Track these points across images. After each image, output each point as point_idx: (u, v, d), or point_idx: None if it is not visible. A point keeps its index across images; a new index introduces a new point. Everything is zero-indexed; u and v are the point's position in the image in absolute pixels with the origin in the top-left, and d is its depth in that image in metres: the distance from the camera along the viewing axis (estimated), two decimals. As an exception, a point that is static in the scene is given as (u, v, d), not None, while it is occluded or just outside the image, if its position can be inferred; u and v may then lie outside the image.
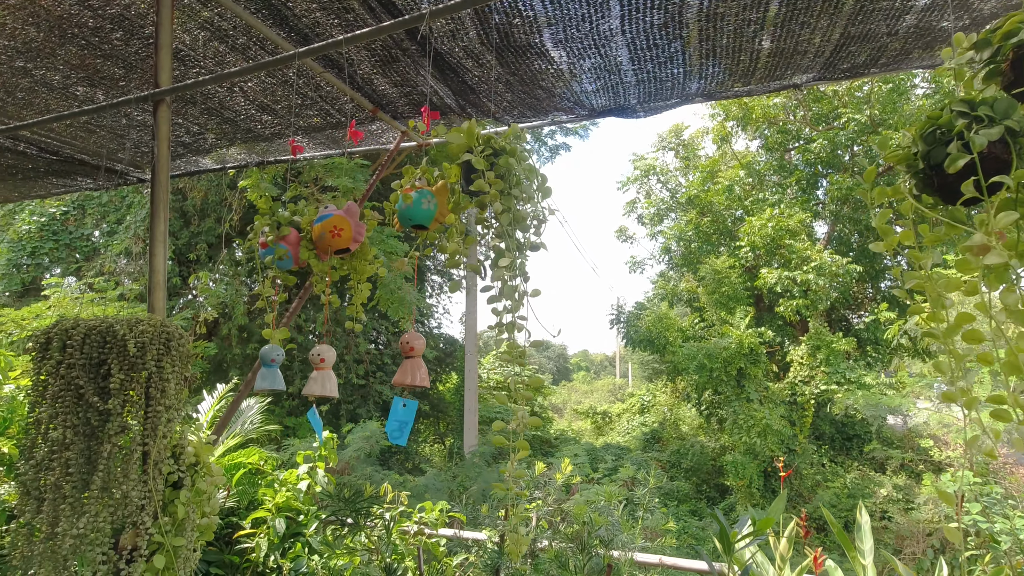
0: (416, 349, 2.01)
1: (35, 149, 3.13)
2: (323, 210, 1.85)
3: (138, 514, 1.44)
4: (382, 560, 3.03)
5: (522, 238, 1.36)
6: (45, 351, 1.50)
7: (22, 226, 11.13)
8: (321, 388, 1.99)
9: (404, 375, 2.01)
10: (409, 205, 1.64)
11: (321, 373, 2.02)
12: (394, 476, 11.20)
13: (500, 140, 1.39)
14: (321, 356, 2.05)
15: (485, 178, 1.35)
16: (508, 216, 1.34)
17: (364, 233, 1.87)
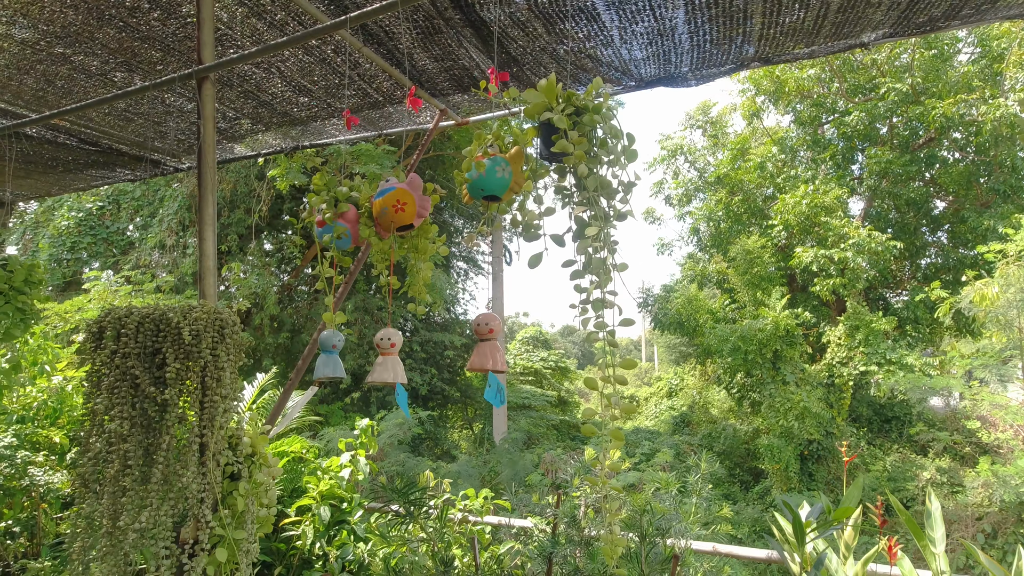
0: (495, 331, 1.86)
1: (75, 140, 3.12)
2: (383, 184, 1.74)
3: (199, 507, 1.40)
4: (430, 548, 2.99)
5: (607, 206, 1.25)
6: (99, 340, 1.46)
7: (61, 221, 11.40)
8: (392, 374, 1.89)
9: (483, 359, 1.86)
10: (482, 174, 1.50)
11: (389, 359, 1.92)
12: (427, 462, 11.28)
13: (582, 97, 1.27)
14: (391, 340, 1.94)
15: (568, 139, 1.22)
16: (594, 180, 1.22)
17: (428, 207, 1.76)
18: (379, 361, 1.95)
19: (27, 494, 4.11)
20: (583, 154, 1.21)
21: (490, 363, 1.86)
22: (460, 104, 2.78)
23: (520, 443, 15.39)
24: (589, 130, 1.25)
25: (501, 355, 1.89)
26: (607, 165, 1.25)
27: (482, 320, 1.92)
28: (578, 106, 1.27)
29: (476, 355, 1.89)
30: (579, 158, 1.20)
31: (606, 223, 1.22)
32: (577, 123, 1.24)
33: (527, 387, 22.28)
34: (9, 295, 1.97)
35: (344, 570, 3.47)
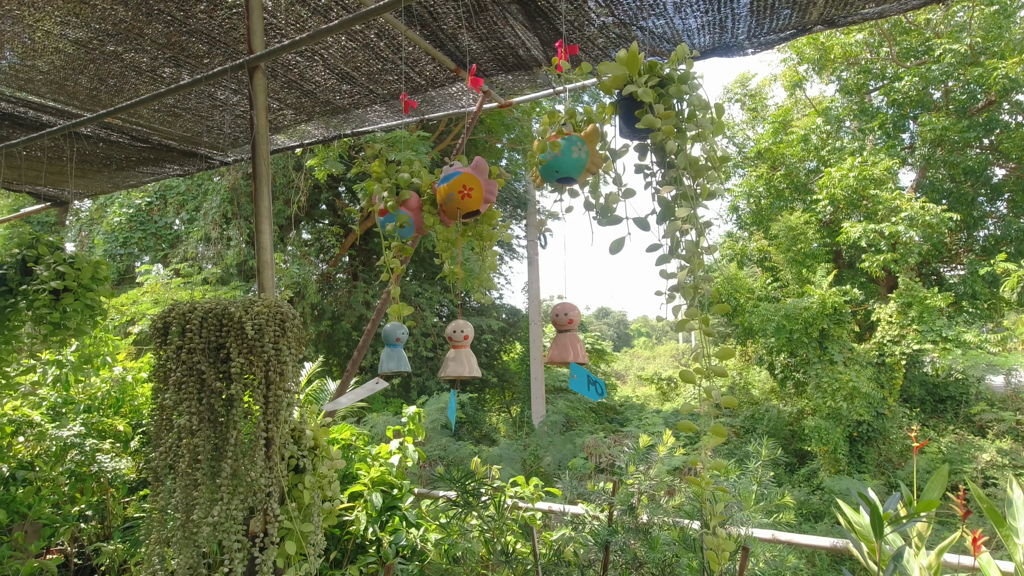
0: (575, 321, 1.75)
1: (127, 138, 3.18)
2: (447, 169, 1.68)
3: (267, 500, 1.40)
4: (481, 535, 2.99)
5: (695, 184, 1.16)
6: (164, 336, 1.47)
7: (113, 218, 11.83)
8: (467, 368, 1.81)
9: (563, 351, 1.74)
10: (556, 155, 1.41)
11: (462, 352, 1.83)
12: (468, 446, 11.40)
13: (665, 67, 1.18)
14: (464, 332, 1.85)
15: (654, 112, 1.14)
16: (684, 158, 1.13)
17: (495, 192, 1.69)
18: (451, 355, 1.86)
19: (96, 480, 4.30)
20: (672, 128, 1.12)
21: (571, 355, 1.75)
22: (504, 85, 2.70)
23: (560, 426, 15.41)
24: (674, 102, 1.15)
25: (581, 346, 1.78)
26: (692, 140, 1.15)
27: (560, 310, 1.80)
28: (662, 77, 1.17)
29: (555, 347, 1.78)
30: (667, 133, 1.11)
31: (695, 203, 1.13)
32: (662, 95, 1.14)
33: (564, 370, 22.27)
34: (78, 292, 2.02)
35: (397, 555, 3.52)
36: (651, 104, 1.12)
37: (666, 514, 3.02)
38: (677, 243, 1.17)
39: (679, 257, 1.18)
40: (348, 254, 15.11)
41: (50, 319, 1.95)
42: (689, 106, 1.14)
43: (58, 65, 2.49)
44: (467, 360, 1.84)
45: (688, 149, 1.13)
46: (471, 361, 1.86)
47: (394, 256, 1.66)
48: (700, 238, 1.15)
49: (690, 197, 1.12)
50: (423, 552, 3.58)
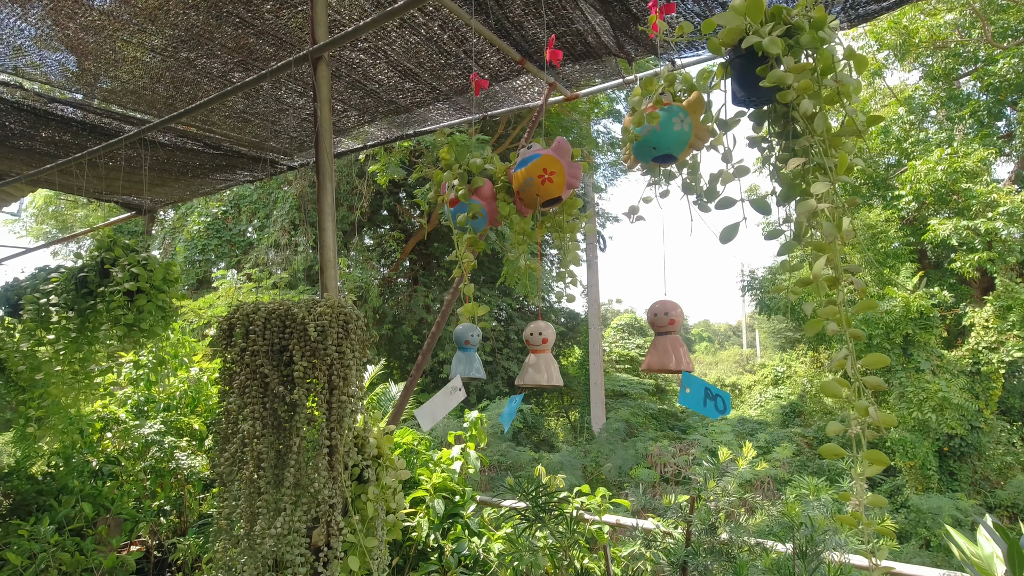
0: (676, 321, 1.53)
1: (201, 145, 3.27)
2: (526, 151, 1.55)
3: (330, 512, 1.33)
4: (547, 548, 2.86)
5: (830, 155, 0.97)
6: (229, 338, 1.43)
7: (193, 226, 12.52)
8: (546, 376, 1.62)
9: (664, 357, 1.51)
10: (655, 128, 1.23)
11: (542, 357, 1.65)
12: (528, 452, 11.28)
13: (793, 12, 0.99)
14: (543, 335, 1.66)
15: (782, 67, 0.96)
16: (823, 121, 0.95)
17: (580, 177, 1.55)
18: (531, 361, 1.68)
19: (174, 476, 4.47)
20: (810, 84, 0.93)
21: (672, 361, 1.51)
22: (570, 76, 2.57)
23: (621, 433, 15.04)
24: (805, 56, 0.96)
25: (685, 351, 1.55)
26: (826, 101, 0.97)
27: (659, 308, 1.55)
28: (790, 24, 0.98)
29: (654, 352, 1.55)
30: (804, 90, 0.92)
31: (833, 177, 0.95)
32: (791, 47, 0.96)
33: (623, 375, 21.80)
34: (151, 293, 2.05)
35: (459, 564, 3.44)
36: (780, 56, 0.94)
37: (747, 533, 2.79)
38: (803, 228, 1.00)
39: (811, 244, 1.00)
40: (409, 258, 15.37)
41: (125, 320, 1.99)
42: (820, 61, 0.95)
43: (137, 75, 2.56)
44: (547, 367, 1.66)
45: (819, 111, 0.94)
46: (552, 368, 1.67)
47: (466, 249, 1.51)
48: (840, 220, 0.97)
49: (827, 170, 0.94)
50: (485, 563, 3.49)
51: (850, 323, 0.99)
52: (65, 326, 2.08)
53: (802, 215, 0.97)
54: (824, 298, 1.04)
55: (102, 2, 2.11)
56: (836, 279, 1.01)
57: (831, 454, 1.03)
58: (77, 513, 3.41)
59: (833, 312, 1.01)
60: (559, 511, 2.16)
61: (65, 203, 16.51)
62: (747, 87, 1.02)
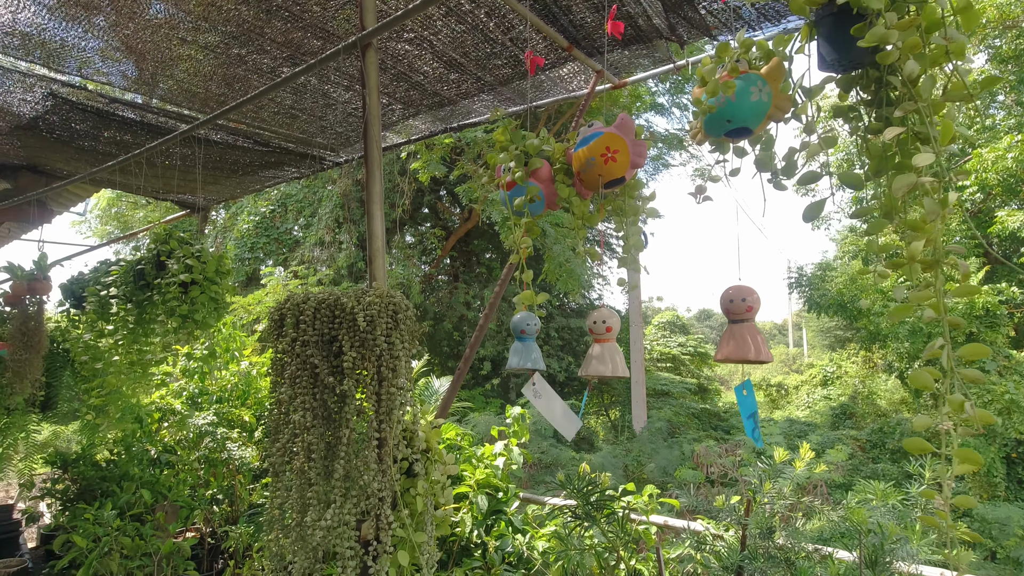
0: (754, 308, 1.39)
1: (251, 143, 3.34)
2: (587, 129, 1.48)
3: (379, 505, 1.31)
4: (593, 548, 2.79)
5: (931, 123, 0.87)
6: (280, 328, 1.43)
7: (243, 225, 12.94)
8: (611, 367, 1.52)
9: (741, 346, 1.38)
10: (729, 98, 1.12)
11: (607, 347, 1.55)
12: (569, 451, 11.19)
13: None
14: (607, 324, 1.54)
15: (886, 23, 0.84)
16: (929, 85, 0.85)
17: (644, 155, 1.47)
18: (595, 351, 1.57)
19: (226, 465, 4.61)
20: (918, 42, 0.82)
21: (751, 350, 1.36)
22: (618, 62, 2.49)
23: (663, 432, 14.77)
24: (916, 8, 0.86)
25: (764, 340, 1.40)
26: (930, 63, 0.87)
27: (735, 294, 1.41)
28: None
29: (729, 341, 1.40)
30: (911, 49, 0.82)
31: (938, 148, 0.85)
32: (894, 1, 0.86)
33: (665, 374, 21.44)
34: (203, 285, 2.10)
35: (503, 561, 3.41)
36: (882, 12, 0.84)
37: (805, 539, 2.65)
38: (895, 205, 0.91)
39: (906, 224, 0.91)
40: (449, 256, 15.48)
41: (179, 311, 2.04)
42: (925, 16, 0.85)
43: (191, 74, 2.62)
44: (612, 357, 1.54)
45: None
46: (617, 358, 1.56)
47: (523, 234, 1.44)
48: (946, 195, 0.88)
49: (932, 139, 0.84)
50: (529, 560, 3.45)
51: (948, 310, 0.89)
52: (124, 317, 2.14)
53: (899, 190, 0.87)
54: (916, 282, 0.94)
55: (159, 3, 2.16)
56: (935, 261, 0.91)
57: (917, 449, 0.94)
58: (137, 499, 3.55)
59: (928, 297, 0.91)
60: (609, 510, 2.09)
61: (126, 205, 17.32)
62: (838, 49, 0.92)
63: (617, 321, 1.58)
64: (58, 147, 3.57)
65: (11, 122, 3.22)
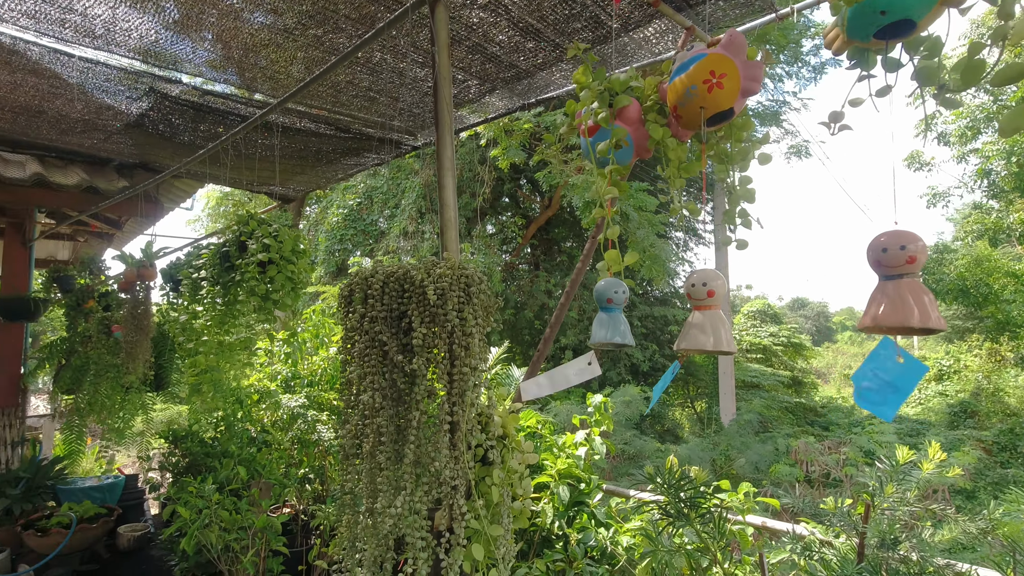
0: (918, 260, 1.09)
1: (332, 129, 3.39)
2: (684, 54, 1.23)
3: (452, 494, 1.22)
4: (681, 547, 2.59)
5: None
6: (349, 304, 1.37)
7: (332, 218, 13.56)
8: (713, 339, 1.26)
9: (902, 309, 1.06)
10: None
11: (708, 316, 1.29)
12: (654, 443, 10.85)
13: None
14: (709, 287, 1.27)
15: None
16: None
17: (760, 79, 1.22)
18: (695, 320, 1.31)
19: (316, 447, 4.80)
20: None
21: (916, 315, 1.05)
22: (711, 16, 2.25)
23: (753, 426, 14.00)
24: None
25: (933, 301, 1.09)
26: None
27: (890, 241, 1.09)
28: None
29: (884, 302, 1.08)
30: None
31: None
32: None
33: (755, 365, 20.35)
34: (280, 264, 2.12)
35: (586, 555, 3.28)
36: None
37: (936, 552, 2.31)
38: None
39: None
40: (529, 244, 15.43)
41: (258, 291, 2.06)
42: None
43: (273, 59, 2.66)
44: (715, 328, 1.27)
45: None
46: (722, 330, 1.28)
47: (609, 183, 1.24)
48: None
49: None
50: (613, 556, 3.29)
51: None
52: (212, 299, 2.22)
53: None
54: None
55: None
56: None
57: None
58: (235, 475, 3.75)
59: None
60: (704, 508, 1.90)
61: (232, 203, 18.62)
62: None
63: (722, 284, 1.32)
64: (162, 143, 3.80)
65: (122, 120, 3.46)
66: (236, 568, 3.30)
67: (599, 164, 1.17)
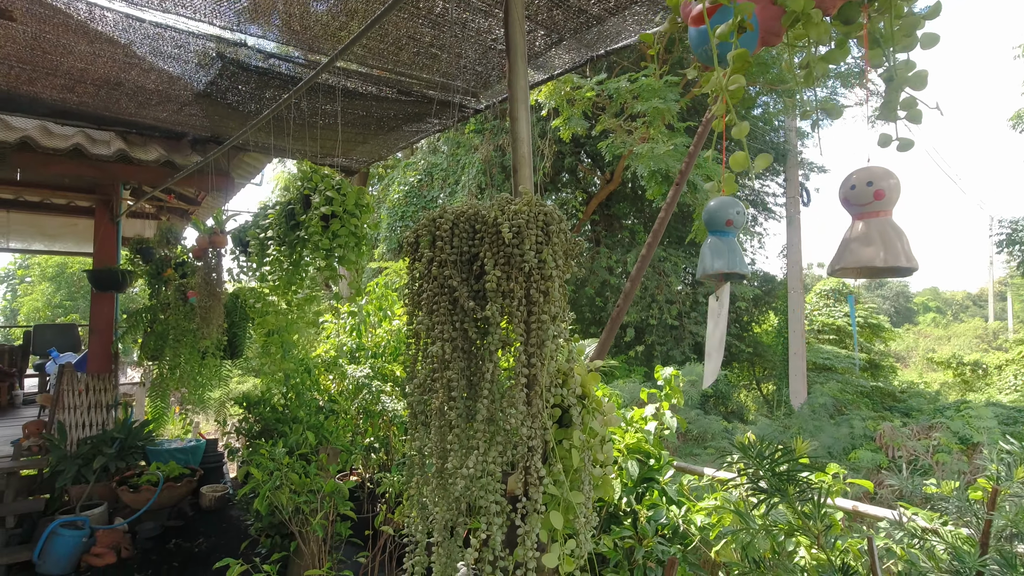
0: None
1: (394, 92, 3.31)
2: None
3: (529, 456, 1.11)
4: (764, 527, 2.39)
5: None
6: (415, 251, 1.27)
7: (393, 195, 13.74)
8: (883, 252, 0.97)
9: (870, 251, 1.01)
10: None
11: (874, 223, 1.00)
12: (720, 422, 10.45)
13: None
14: (876, 187, 0.98)
15: None
16: None
17: None
18: (857, 231, 1.02)
19: (381, 417, 4.87)
20: None
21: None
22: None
23: (828, 409, 13.27)
24: None
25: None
26: None
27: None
28: None
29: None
30: None
31: None
32: None
33: (828, 347, 19.26)
34: (343, 218, 2.07)
35: (656, 533, 3.14)
36: None
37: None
38: None
39: None
40: (590, 220, 15.10)
41: (321, 245, 2.02)
42: None
43: (334, 13, 2.58)
44: (886, 239, 0.98)
45: None
46: (897, 242, 0.98)
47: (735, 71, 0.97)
48: None
49: None
50: (686, 535, 3.13)
51: None
52: (277, 258, 2.20)
53: None
54: None
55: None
56: None
57: None
58: (303, 441, 3.83)
59: None
60: (802, 484, 1.71)
61: (298, 183, 19.16)
62: None
63: (895, 185, 1.02)
64: (230, 113, 3.85)
65: (191, 90, 3.51)
66: (306, 530, 3.38)
67: (719, 54, 0.94)
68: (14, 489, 4.34)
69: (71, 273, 25.68)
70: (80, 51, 2.87)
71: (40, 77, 3.20)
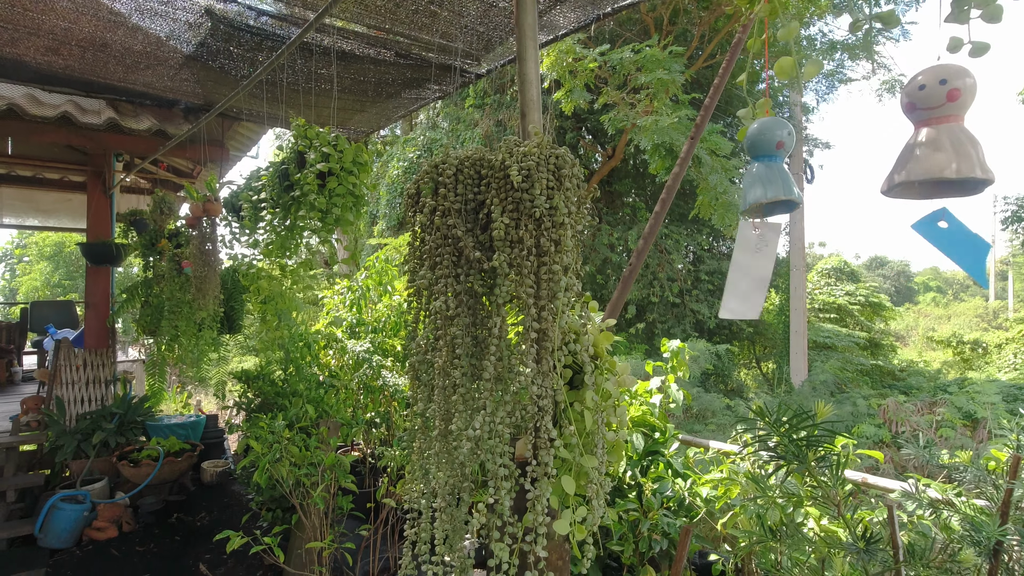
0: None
1: (392, 54, 3.18)
2: None
3: (539, 416, 1.03)
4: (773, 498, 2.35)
5: None
6: (417, 201, 1.18)
7: (392, 171, 13.56)
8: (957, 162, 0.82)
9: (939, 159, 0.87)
10: None
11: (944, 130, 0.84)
12: (722, 400, 10.45)
13: None
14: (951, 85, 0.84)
15: None
16: None
17: None
18: (924, 137, 0.86)
19: (381, 392, 4.82)
20: None
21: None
22: None
23: (829, 386, 13.29)
24: None
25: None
26: None
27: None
28: None
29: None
30: None
31: None
32: None
33: (828, 325, 19.26)
34: (340, 176, 1.97)
35: (662, 506, 3.10)
36: None
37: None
38: None
39: None
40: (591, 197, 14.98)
41: (317, 205, 1.93)
42: None
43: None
44: (958, 146, 0.83)
45: None
46: (971, 150, 0.83)
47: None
48: None
49: None
50: (691, 507, 3.10)
51: None
52: (271, 221, 2.11)
53: None
54: None
55: None
56: None
57: None
58: (303, 414, 3.79)
59: None
60: (823, 450, 1.64)
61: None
62: None
63: (971, 85, 0.87)
64: (222, 78, 3.72)
65: (181, 52, 3.38)
66: (307, 503, 3.35)
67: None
68: (14, 464, 4.31)
69: (69, 252, 25.57)
70: (61, 7, 2.74)
71: (22, 37, 3.07)
